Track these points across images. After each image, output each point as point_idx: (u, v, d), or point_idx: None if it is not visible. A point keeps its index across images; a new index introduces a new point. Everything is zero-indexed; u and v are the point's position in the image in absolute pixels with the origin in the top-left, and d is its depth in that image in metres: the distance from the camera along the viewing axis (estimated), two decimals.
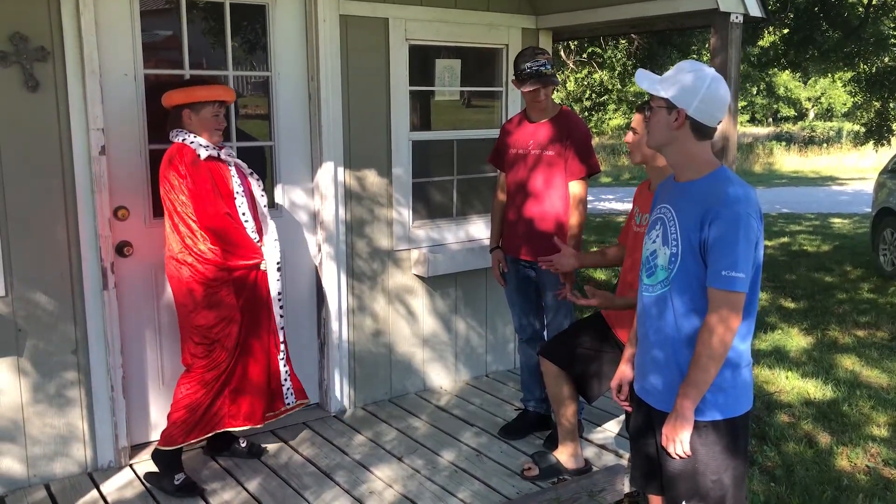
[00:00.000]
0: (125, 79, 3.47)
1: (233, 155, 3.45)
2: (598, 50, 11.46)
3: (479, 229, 4.69)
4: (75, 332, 3.42)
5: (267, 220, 3.47)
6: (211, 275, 3.24)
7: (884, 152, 14.93)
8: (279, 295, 3.48)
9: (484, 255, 4.40)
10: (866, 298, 7.77)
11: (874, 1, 10.44)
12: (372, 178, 4.21)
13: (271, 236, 3.46)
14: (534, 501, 3.32)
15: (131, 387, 3.64)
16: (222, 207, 3.27)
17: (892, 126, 11.93)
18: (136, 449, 3.69)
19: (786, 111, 37.62)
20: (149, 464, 3.51)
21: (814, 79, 26.40)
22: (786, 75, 28.42)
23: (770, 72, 19.92)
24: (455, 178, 4.65)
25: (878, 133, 12.03)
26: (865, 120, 12.71)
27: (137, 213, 3.58)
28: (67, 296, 3.39)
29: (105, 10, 3.38)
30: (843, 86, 22.33)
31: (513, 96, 4.66)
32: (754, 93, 32.74)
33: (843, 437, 4.43)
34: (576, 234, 3.65)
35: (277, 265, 3.46)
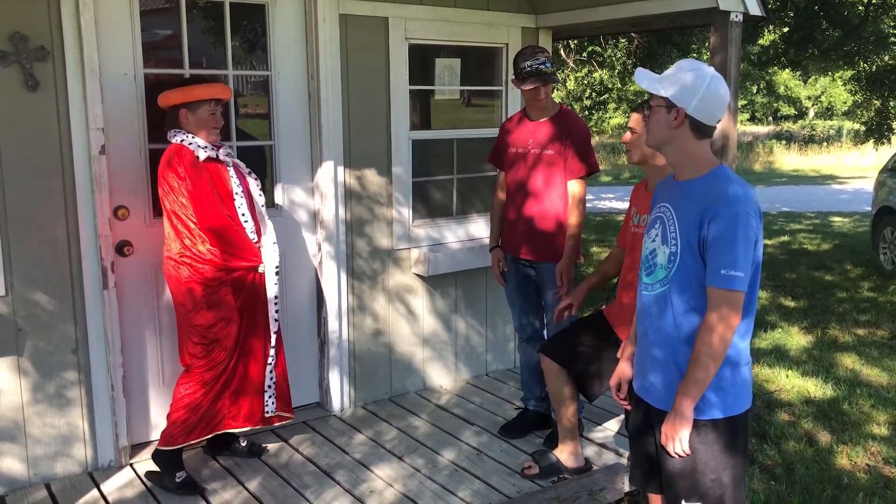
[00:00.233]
0: (125, 78, 3.47)
1: (231, 154, 3.45)
2: (598, 49, 11.46)
3: (479, 228, 4.69)
4: (75, 332, 3.42)
5: (265, 220, 3.47)
6: (209, 275, 3.24)
7: (884, 151, 14.92)
8: (276, 299, 3.46)
9: (484, 254, 4.41)
10: (866, 297, 7.78)
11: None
12: (372, 177, 4.21)
13: (270, 238, 3.45)
14: (534, 500, 3.33)
15: (131, 386, 3.65)
16: (222, 209, 3.27)
17: (893, 124, 11.93)
18: (137, 448, 3.70)
19: (786, 110, 37.61)
20: (149, 463, 3.51)
21: (814, 77, 26.41)
22: (786, 74, 28.43)
23: (770, 70, 19.93)
24: (455, 177, 4.65)
25: (878, 131, 12.03)
26: (865, 118, 12.71)
27: (137, 213, 3.58)
28: (67, 295, 3.39)
29: (105, 10, 3.38)
30: (843, 84, 22.34)
31: (512, 95, 4.66)
32: (754, 91, 32.75)
33: (843, 435, 4.43)
34: (575, 234, 3.65)
35: (276, 269, 3.44)
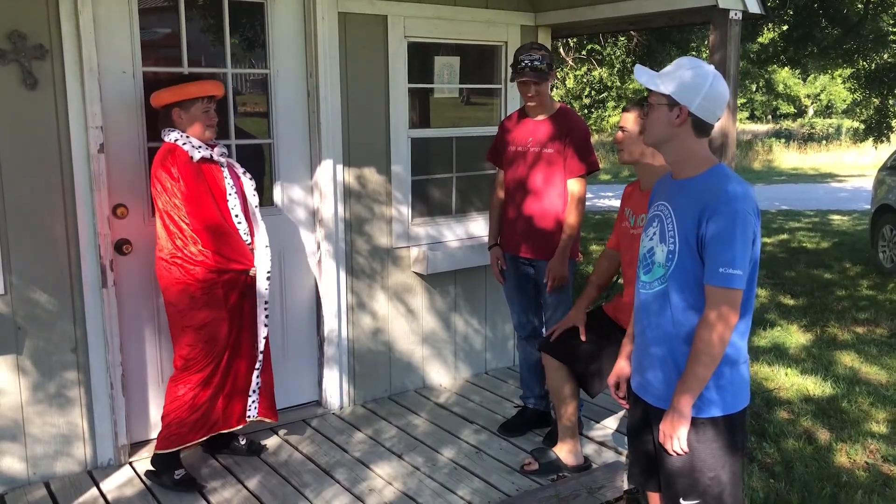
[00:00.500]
0: (124, 76, 3.47)
1: (226, 154, 3.44)
2: (598, 47, 11.44)
3: (479, 227, 4.69)
4: (75, 330, 3.42)
5: (258, 221, 3.45)
6: (201, 276, 3.22)
7: (883, 149, 14.91)
8: (266, 304, 3.44)
9: (483, 252, 4.40)
10: (865, 295, 7.78)
11: None
12: (371, 175, 4.21)
13: (262, 241, 3.43)
14: (533, 498, 3.33)
15: (131, 385, 3.65)
16: (216, 210, 3.25)
17: (892, 123, 11.93)
18: (136, 447, 3.70)
19: (785, 108, 37.61)
20: (148, 461, 3.51)
21: (813, 75, 26.40)
22: (785, 72, 28.44)
23: (769, 68, 19.92)
24: (454, 175, 4.65)
25: (877, 130, 12.03)
26: (865, 116, 12.71)
27: (136, 211, 3.58)
28: (67, 294, 3.39)
29: (103, 8, 3.38)
30: (842, 82, 22.34)
31: (512, 94, 4.66)
32: (753, 90, 32.78)
33: (842, 433, 4.44)
34: (572, 233, 3.65)
35: (268, 273, 3.42)
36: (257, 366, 3.47)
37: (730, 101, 3.30)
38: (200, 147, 3.26)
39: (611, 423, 4.07)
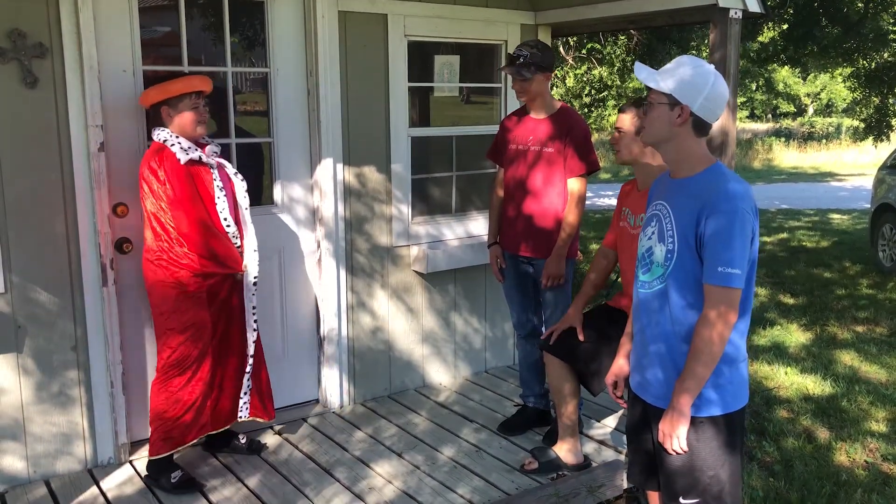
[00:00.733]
0: (124, 75, 3.47)
1: (217, 153, 3.39)
2: (598, 46, 11.43)
3: (479, 226, 4.69)
4: (75, 329, 3.42)
5: (247, 224, 3.40)
6: (185, 279, 3.19)
7: (883, 148, 14.91)
8: (254, 309, 3.43)
9: (483, 251, 4.41)
10: (865, 294, 7.78)
11: None
12: (371, 174, 4.21)
13: (251, 245, 3.39)
14: (533, 497, 3.33)
15: (131, 383, 3.65)
16: (203, 214, 3.21)
17: (892, 122, 11.92)
18: (136, 445, 3.70)
19: (785, 107, 37.62)
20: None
21: (813, 74, 26.40)
22: (785, 71, 28.43)
23: (769, 67, 19.90)
24: (454, 174, 4.65)
25: (877, 129, 12.03)
26: (865, 115, 12.70)
27: (137, 210, 3.57)
28: (67, 292, 3.39)
29: (103, 7, 3.38)
30: (842, 81, 22.32)
31: (512, 93, 4.65)
32: (753, 89, 32.75)
33: (841, 432, 4.44)
34: (571, 232, 3.65)
35: (254, 279, 3.41)
36: (248, 369, 3.45)
37: (730, 99, 3.31)
38: (189, 148, 3.21)
39: (611, 422, 4.07)
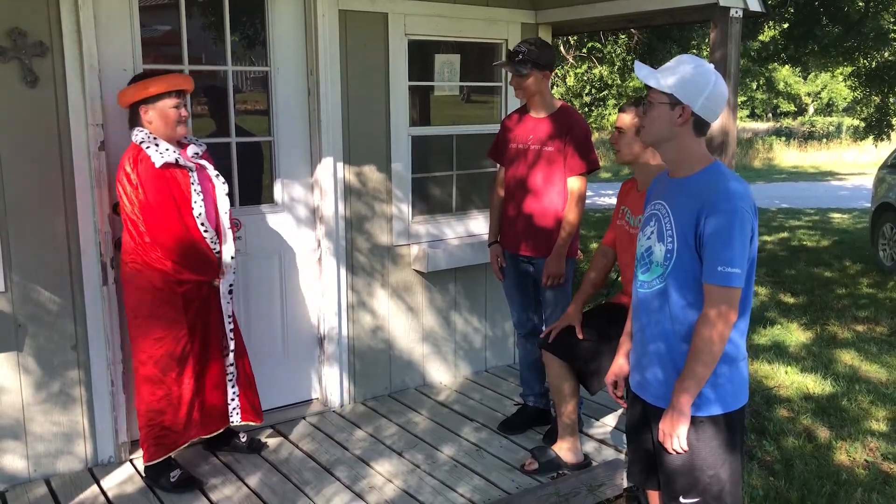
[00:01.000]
0: (124, 74, 3.46)
1: (200, 154, 3.32)
2: (598, 45, 11.43)
3: (479, 225, 4.69)
4: (75, 328, 3.42)
5: (226, 231, 3.32)
6: (159, 284, 3.16)
7: (883, 147, 14.92)
8: (229, 319, 3.38)
9: (483, 250, 4.41)
10: (865, 293, 7.78)
11: None
12: (371, 173, 4.21)
13: (228, 252, 3.32)
14: (533, 496, 3.33)
15: (131, 382, 3.63)
16: (177, 219, 3.13)
17: (892, 121, 11.92)
18: (137, 444, 3.68)
19: (785, 106, 37.60)
20: None
21: (814, 73, 26.40)
22: (785, 70, 28.42)
23: (770, 67, 19.91)
24: (454, 173, 4.65)
25: (877, 128, 12.02)
26: (865, 115, 12.70)
27: None
28: (67, 291, 3.39)
29: (104, 6, 3.38)
30: (843, 80, 22.31)
31: (512, 91, 4.65)
32: (754, 88, 32.76)
33: (842, 431, 4.44)
34: (571, 231, 3.65)
35: (230, 287, 3.36)
36: (229, 377, 3.42)
37: (730, 99, 3.30)
38: (167, 150, 3.13)
39: (610, 421, 4.07)
